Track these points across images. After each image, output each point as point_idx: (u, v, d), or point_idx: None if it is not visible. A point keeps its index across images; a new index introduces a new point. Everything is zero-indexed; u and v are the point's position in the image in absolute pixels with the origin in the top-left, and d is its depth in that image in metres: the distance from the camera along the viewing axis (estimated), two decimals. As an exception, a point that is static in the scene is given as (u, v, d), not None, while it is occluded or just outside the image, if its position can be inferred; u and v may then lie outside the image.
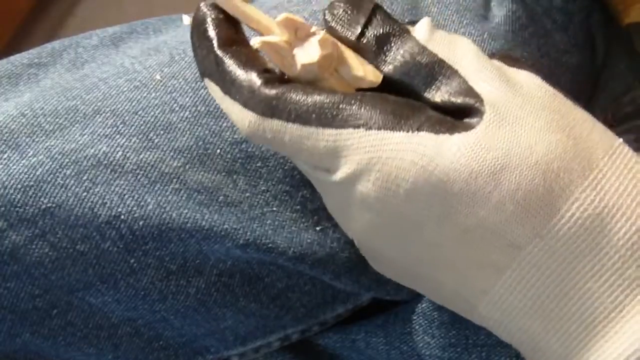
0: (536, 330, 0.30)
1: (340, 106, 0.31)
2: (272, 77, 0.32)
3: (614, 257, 0.29)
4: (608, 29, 0.51)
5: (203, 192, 0.39)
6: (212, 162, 0.40)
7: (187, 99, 0.41)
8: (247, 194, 0.40)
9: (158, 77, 0.41)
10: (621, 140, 0.31)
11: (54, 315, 0.39)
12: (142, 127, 0.40)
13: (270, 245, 0.39)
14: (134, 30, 0.48)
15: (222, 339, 0.42)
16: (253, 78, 0.32)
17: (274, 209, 0.40)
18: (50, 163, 0.38)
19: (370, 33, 0.32)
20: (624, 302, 0.29)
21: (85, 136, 0.39)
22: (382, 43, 0.32)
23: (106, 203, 0.38)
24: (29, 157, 0.38)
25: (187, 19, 0.48)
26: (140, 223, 0.38)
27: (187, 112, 0.40)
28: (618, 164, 0.30)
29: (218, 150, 0.40)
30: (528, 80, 0.32)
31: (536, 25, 0.49)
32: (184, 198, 0.39)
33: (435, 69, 0.31)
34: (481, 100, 0.30)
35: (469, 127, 0.30)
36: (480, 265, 0.30)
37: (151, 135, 0.39)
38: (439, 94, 0.31)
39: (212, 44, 0.33)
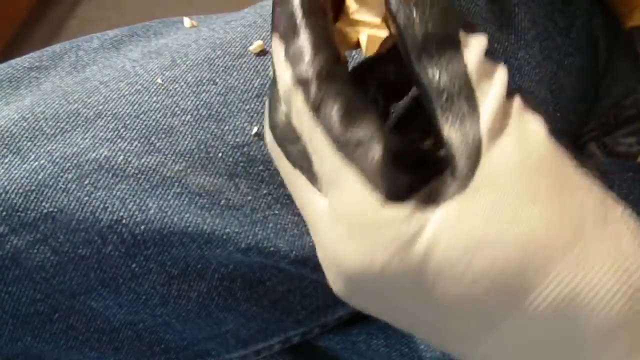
0: None
1: (358, 145, 0.29)
2: (336, 70, 0.30)
3: (588, 342, 0.28)
4: (611, 31, 0.51)
5: (205, 195, 0.39)
6: (213, 166, 0.40)
7: (189, 103, 0.41)
8: (249, 198, 0.40)
9: (159, 80, 0.41)
10: (620, 208, 0.29)
11: (55, 319, 0.39)
12: (143, 131, 0.40)
13: (272, 249, 0.39)
14: (134, 33, 0.48)
15: (223, 343, 0.42)
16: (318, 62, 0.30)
17: (276, 212, 0.40)
18: (52, 167, 0.38)
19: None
20: None
21: (87, 140, 0.39)
22: (433, 45, 0.30)
23: (108, 207, 0.38)
24: (31, 161, 0.38)
25: (187, 22, 0.48)
26: (142, 227, 0.38)
27: (189, 116, 0.40)
28: (606, 237, 0.28)
29: (220, 154, 0.40)
30: (535, 132, 0.29)
31: (538, 28, 0.49)
32: (185, 202, 0.39)
33: (464, 100, 0.30)
34: (475, 164, 0.29)
35: (454, 194, 0.28)
36: (457, 334, 0.30)
37: (152, 139, 0.39)
38: (451, 132, 0.29)
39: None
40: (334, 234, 0.30)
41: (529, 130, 0.29)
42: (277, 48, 0.31)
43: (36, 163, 0.38)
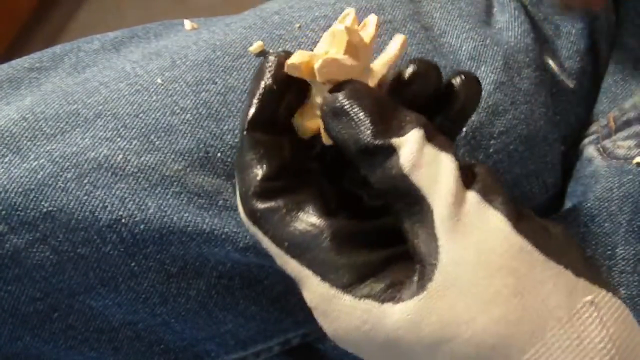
0: None
1: (308, 245, 0.31)
2: (269, 187, 0.33)
3: None
4: (611, 35, 0.51)
5: (203, 195, 0.39)
6: (212, 166, 0.40)
7: (188, 102, 0.41)
8: None
9: (159, 80, 0.41)
10: (593, 292, 0.29)
11: (54, 318, 0.39)
12: (143, 130, 0.40)
13: None
14: (135, 34, 0.48)
15: (223, 343, 0.42)
16: (252, 181, 0.33)
17: None
18: (52, 166, 0.38)
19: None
20: None
21: (87, 139, 0.39)
22: (367, 155, 0.31)
23: (107, 206, 0.38)
24: (30, 160, 0.38)
25: (188, 24, 0.48)
26: (141, 226, 0.38)
27: (189, 115, 0.40)
28: (570, 334, 0.28)
29: (219, 154, 0.40)
30: (496, 230, 0.29)
31: (538, 32, 0.49)
32: (184, 201, 0.39)
33: (412, 199, 0.30)
34: (435, 264, 0.29)
35: (413, 294, 0.29)
36: None
37: (152, 137, 0.39)
38: (408, 227, 0.30)
39: (245, 119, 0.34)
40: (315, 316, 0.32)
41: (489, 227, 0.29)
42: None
43: (36, 162, 0.38)
